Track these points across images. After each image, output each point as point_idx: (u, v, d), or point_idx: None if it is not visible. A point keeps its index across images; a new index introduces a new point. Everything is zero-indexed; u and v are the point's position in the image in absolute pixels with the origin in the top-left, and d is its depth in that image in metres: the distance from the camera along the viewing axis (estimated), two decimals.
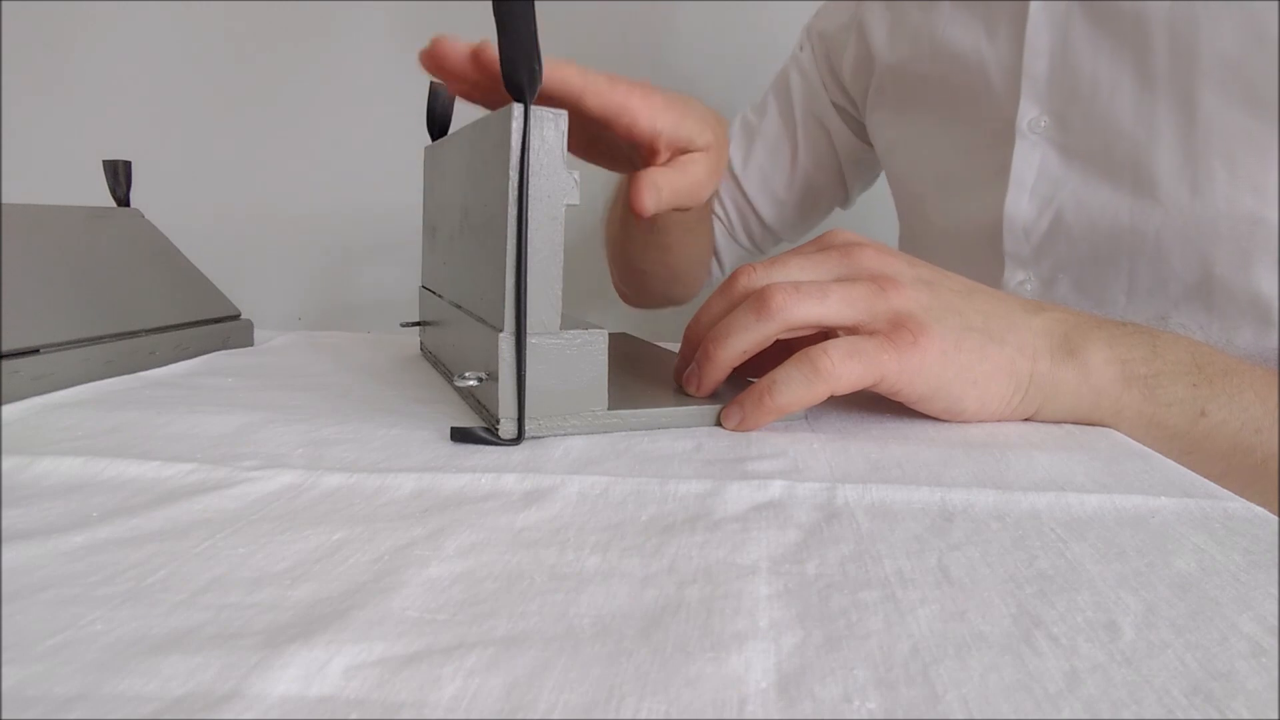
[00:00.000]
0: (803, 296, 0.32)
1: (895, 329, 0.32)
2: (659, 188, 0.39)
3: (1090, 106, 0.48)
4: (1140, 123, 0.46)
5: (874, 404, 0.37)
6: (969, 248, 0.56)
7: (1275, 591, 0.19)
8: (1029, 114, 0.50)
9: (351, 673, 0.15)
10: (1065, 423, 0.34)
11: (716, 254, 0.77)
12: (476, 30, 0.36)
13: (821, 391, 0.31)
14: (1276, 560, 0.20)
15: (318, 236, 1.09)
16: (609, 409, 0.31)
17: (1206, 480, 0.26)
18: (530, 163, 0.28)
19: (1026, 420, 0.34)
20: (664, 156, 0.40)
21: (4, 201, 0.41)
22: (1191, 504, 0.24)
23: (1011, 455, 0.29)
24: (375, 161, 1.04)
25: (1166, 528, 0.22)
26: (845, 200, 0.76)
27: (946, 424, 0.34)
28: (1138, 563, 0.20)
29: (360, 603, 0.17)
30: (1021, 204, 0.51)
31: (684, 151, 0.41)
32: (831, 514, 0.23)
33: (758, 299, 0.32)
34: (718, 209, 0.74)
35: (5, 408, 0.33)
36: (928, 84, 0.57)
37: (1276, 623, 0.17)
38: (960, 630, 0.17)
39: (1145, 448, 0.31)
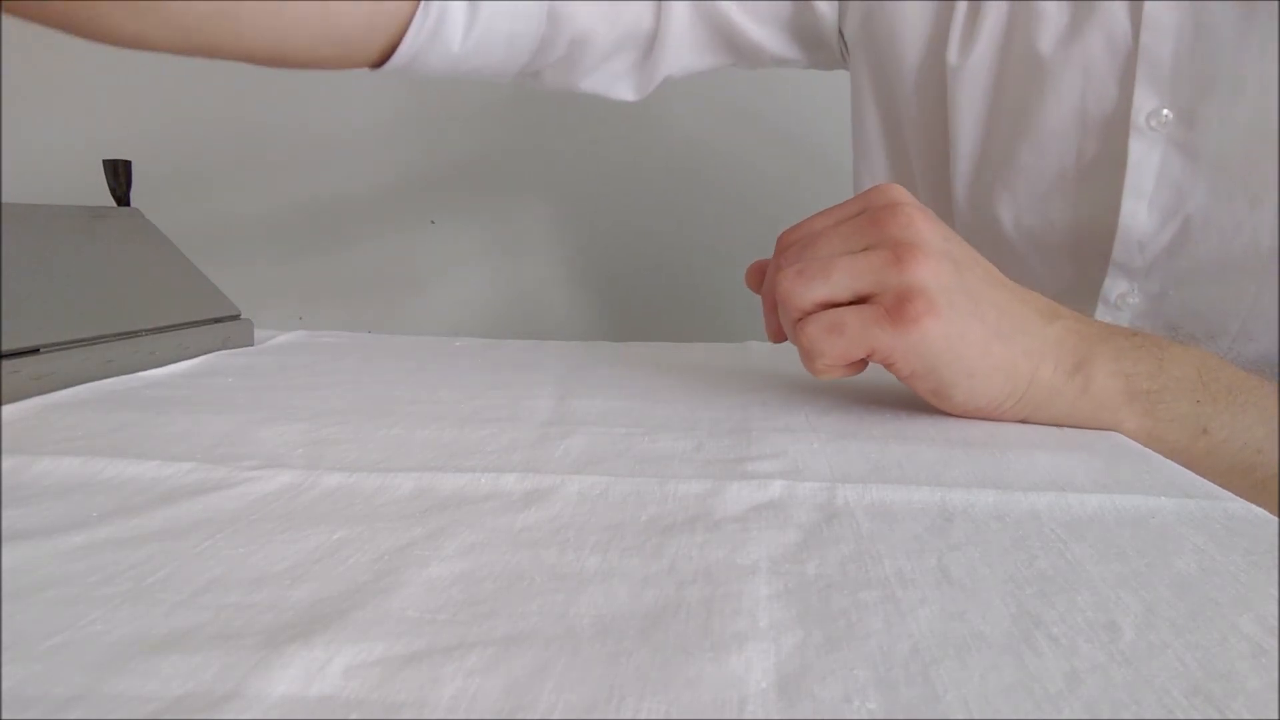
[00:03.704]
0: (805, 281, 0.33)
1: (901, 302, 0.31)
2: None
3: (1231, 104, 0.41)
4: None
5: (874, 404, 0.37)
6: (1059, 249, 0.50)
7: (1275, 592, 0.19)
8: (1147, 106, 0.43)
9: (351, 673, 0.15)
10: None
11: None
12: None
13: (821, 369, 0.33)
14: (1276, 560, 0.20)
15: (318, 236, 1.09)
16: None
17: (1207, 481, 0.26)
18: None
19: (1022, 421, 0.34)
20: None
21: (4, 201, 0.41)
22: (1191, 504, 0.24)
23: (1011, 455, 0.29)
24: (376, 161, 1.04)
25: (1166, 528, 0.22)
26: (759, 55, 0.58)
27: (947, 424, 0.34)
28: (1138, 563, 0.20)
29: (360, 603, 0.17)
30: (1140, 214, 0.45)
31: None
32: (831, 514, 0.23)
33: (782, 290, 0.33)
34: None
35: (5, 408, 0.33)
36: (1008, 74, 0.48)
37: (1276, 623, 0.17)
38: (960, 630, 0.17)
39: (1145, 448, 0.31)
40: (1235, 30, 0.41)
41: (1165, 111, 0.43)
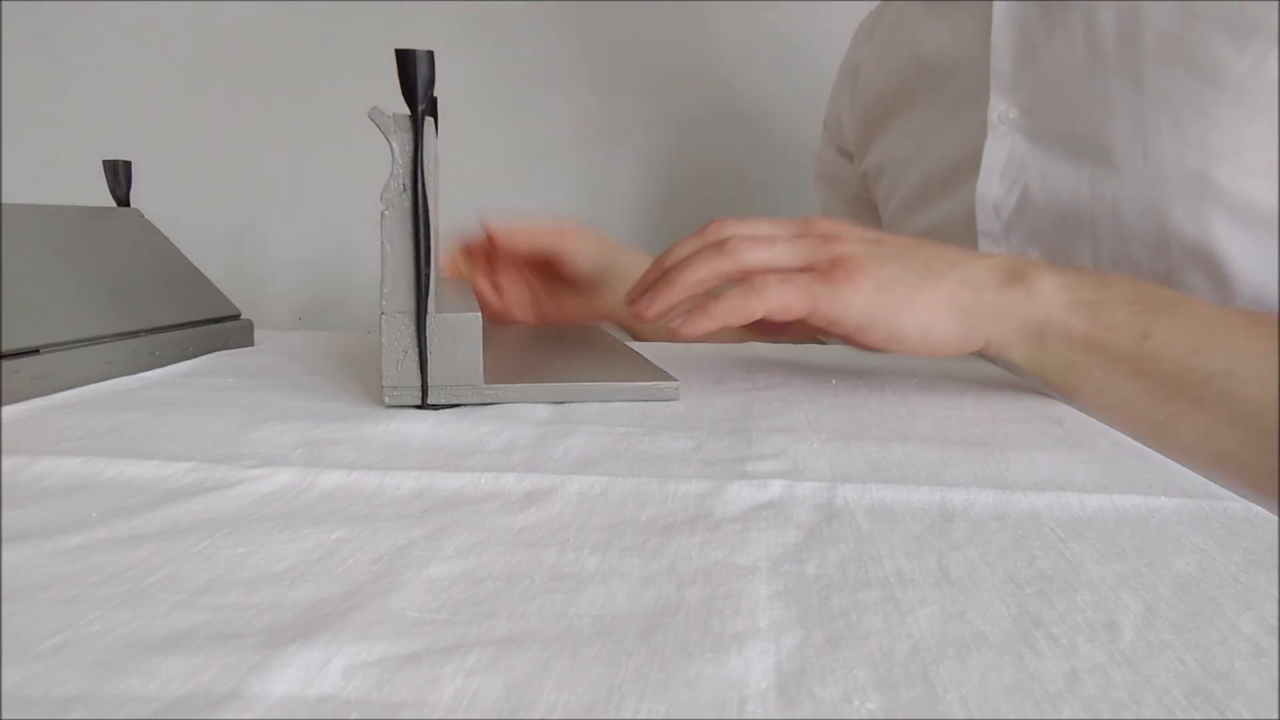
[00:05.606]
0: (754, 243, 0.39)
1: (834, 266, 0.37)
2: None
3: (1052, 93, 0.54)
4: (1097, 102, 0.51)
5: (874, 404, 0.37)
6: (949, 240, 0.62)
7: (1275, 591, 0.19)
8: (998, 107, 0.56)
9: (351, 673, 0.15)
10: (1017, 351, 0.37)
11: None
12: (482, 23, 0.36)
13: (756, 305, 0.37)
14: (1276, 560, 0.20)
15: (318, 236, 1.09)
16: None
17: (1206, 480, 0.27)
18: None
19: (980, 353, 0.38)
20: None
21: (4, 201, 0.41)
22: (1191, 504, 0.24)
23: (1011, 455, 0.29)
24: (376, 160, 1.04)
25: (1166, 528, 0.22)
26: None
27: (947, 424, 0.34)
28: (1138, 563, 0.20)
29: (360, 603, 0.17)
30: (992, 185, 0.57)
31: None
32: (831, 514, 0.23)
33: (719, 243, 0.39)
34: None
35: (5, 408, 0.33)
36: (911, 96, 0.64)
37: (1276, 623, 0.17)
38: (960, 630, 0.17)
39: (1145, 447, 0.31)
40: (1047, 39, 0.54)
41: (1012, 109, 0.56)
